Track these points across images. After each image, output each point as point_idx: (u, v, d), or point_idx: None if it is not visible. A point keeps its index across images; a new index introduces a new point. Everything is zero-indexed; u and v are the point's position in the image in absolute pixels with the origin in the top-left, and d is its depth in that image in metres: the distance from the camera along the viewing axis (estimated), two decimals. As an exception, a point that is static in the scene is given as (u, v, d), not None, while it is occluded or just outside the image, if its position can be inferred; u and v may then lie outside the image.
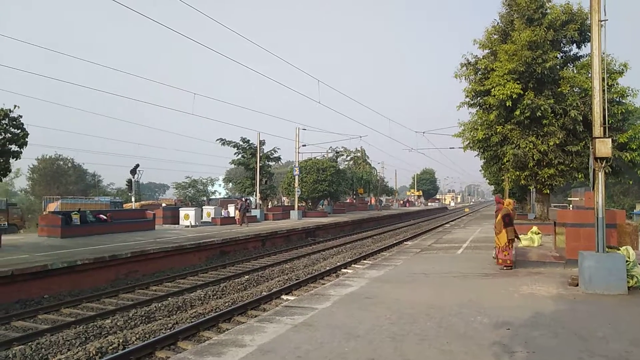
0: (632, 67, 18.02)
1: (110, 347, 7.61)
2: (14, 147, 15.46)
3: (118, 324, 9.09)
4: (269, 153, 37.68)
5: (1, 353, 7.38)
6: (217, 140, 35.79)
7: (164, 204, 40.80)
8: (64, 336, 8.20)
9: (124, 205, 38.15)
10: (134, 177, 29.99)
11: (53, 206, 31.63)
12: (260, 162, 34.96)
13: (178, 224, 27.07)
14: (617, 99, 17.87)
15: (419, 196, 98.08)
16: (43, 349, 7.61)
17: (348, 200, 60.53)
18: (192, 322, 9.01)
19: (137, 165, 30.19)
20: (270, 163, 39.16)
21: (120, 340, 7.89)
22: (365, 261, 16.87)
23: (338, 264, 16.15)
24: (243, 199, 32.58)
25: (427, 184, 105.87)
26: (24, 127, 15.59)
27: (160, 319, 9.55)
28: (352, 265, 16.16)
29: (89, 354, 7.26)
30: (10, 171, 16.43)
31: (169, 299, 11.23)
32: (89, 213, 21.22)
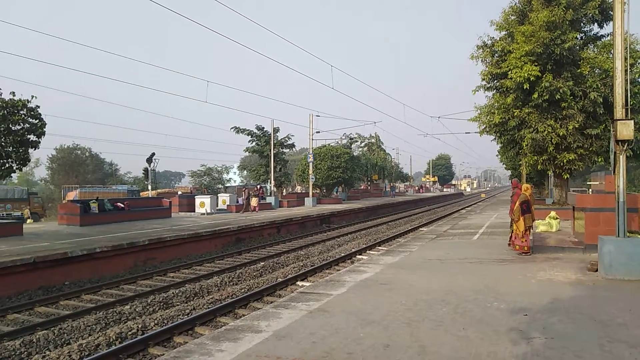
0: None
1: (130, 333, 7.76)
2: (32, 137, 15.74)
3: (137, 309, 9.26)
4: (283, 140, 37.69)
5: (26, 338, 7.58)
6: (232, 128, 35.95)
7: (180, 192, 41.26)
8: (85, 322, 8.39)
9: (141, 194, 38.72)
10: (150, 166, 30.32)
11: (72, 195, 32.26)
12: (274, 150, 35.00)
13: (194, 211, 27.35)
14: (639, 79, 17.35)
15: (434, 182, 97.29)
16: (65, 334, 7.80)
17: (362, 187, 60.38)
18: (209, 308, 9.13)
19: (153, 154, 30.50)
20: (284, 150, 39.17)
21: (139, 326, 8.04)
22: (380, 247, 16.85)
23: (353, 250, 16.16)
24: (257, 187, 32.73)
25: (442, 169, 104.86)
26: (42, 117, 15.84)
27: (177, 305, 9.71)
28: (367, 251, 16.15)
29: (109, 339, 7.42)
30: (29, 161, 16.75)
31: (186, 285, 11.39)
32: (107, 201, 21.54)
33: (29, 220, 25.86)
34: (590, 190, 14.88)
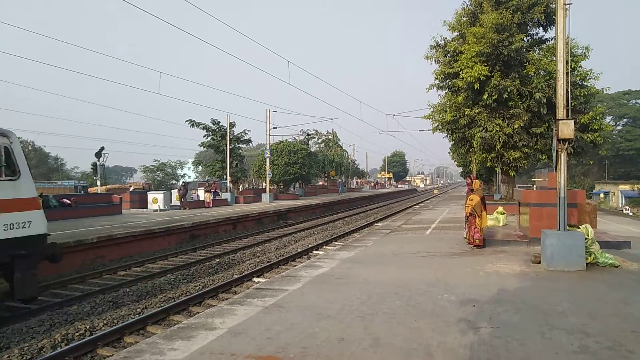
0: (595, 50, 18.53)
1: (77, 334, 7.45)
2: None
3: (85, 310, 8.90)
4: (240, 135, 37.19)
5: (-40, 343, 7.12)
6: (187, 121, 35.09)
7: (131, 188, 39.94)
8: (27, 324, 7.97)
9: (90, 190, 37.15)
10: (99, 161, 29.18)
11: (13, 191, 30.44)
12: (230, 145, 34.48)
13: (146, 207, 26.55)
14: (580, 82, 18.38)
15: (389, 178, 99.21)
16: (5, 338, 7.38)
17: (320, 183, 60.69)
18: (161, 306, 8.91)
19: (103, 148, 29.38)
20: (240, 145, 38.69)
21: (87, 327, 7.74)
22: (336, 242, 17.01)
23: (309, 245, 16.23)
24: (212, 182, 32.18)
25: (397, 166, 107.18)
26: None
27: (129, 304, 9.40)
28: (323, 246, 16.26)
29: (54, 342, 7.09)
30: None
31: (138, 283, 11.06)
32: (52, 198, 20.52)
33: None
34: (534, 186, 15.65)
